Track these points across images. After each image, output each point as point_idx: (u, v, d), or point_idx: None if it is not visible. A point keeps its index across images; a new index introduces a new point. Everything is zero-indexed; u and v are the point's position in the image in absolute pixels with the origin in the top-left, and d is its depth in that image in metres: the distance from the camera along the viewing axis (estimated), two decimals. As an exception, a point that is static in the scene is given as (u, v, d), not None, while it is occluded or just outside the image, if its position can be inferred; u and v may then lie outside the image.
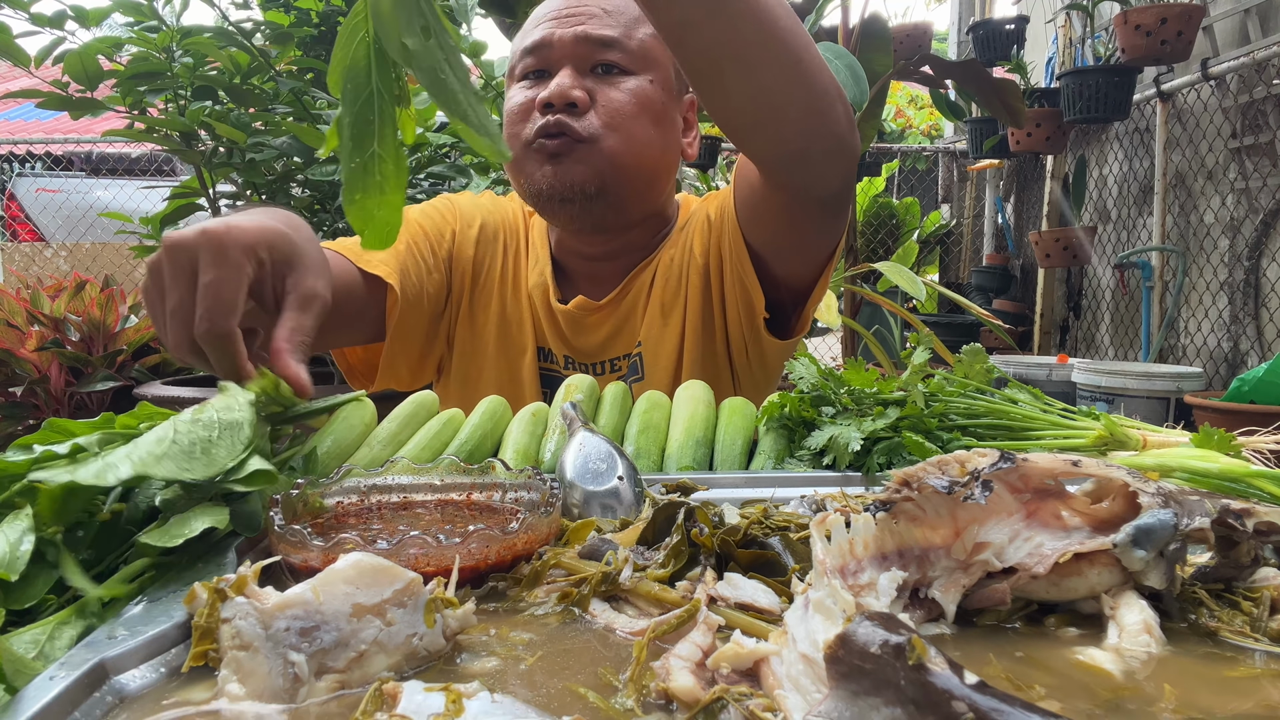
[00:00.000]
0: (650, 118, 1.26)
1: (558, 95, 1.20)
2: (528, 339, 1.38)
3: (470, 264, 1.40)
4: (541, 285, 1.38)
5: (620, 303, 1.36)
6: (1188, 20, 3.67)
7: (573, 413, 0.84)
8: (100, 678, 0.43)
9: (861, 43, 2.98)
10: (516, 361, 1.38)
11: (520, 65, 1.29)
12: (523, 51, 1.28)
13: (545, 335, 1.39)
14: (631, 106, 1.24)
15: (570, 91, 1.21)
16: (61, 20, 2.41)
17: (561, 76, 1.23)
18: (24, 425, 2.92)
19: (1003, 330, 2.82)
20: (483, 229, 1.42)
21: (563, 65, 1.24)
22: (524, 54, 1.28)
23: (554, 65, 1.25)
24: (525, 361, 1.38)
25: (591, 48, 1.24)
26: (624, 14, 1.28)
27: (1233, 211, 3.83)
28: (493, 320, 1.40)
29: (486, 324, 1.40)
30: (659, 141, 1.28)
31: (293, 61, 2.78)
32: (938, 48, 6.23)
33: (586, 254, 1.38)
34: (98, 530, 0.59)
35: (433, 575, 0.49)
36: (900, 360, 0.99)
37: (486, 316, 1.40)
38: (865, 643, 0.34)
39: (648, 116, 1.26)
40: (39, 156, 6.32)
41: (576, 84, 1.22)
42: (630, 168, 1.25)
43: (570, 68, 1.24)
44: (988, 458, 0.52)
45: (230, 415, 0.64)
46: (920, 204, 6.39)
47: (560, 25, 1.26)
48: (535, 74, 1.27)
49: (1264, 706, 0.42)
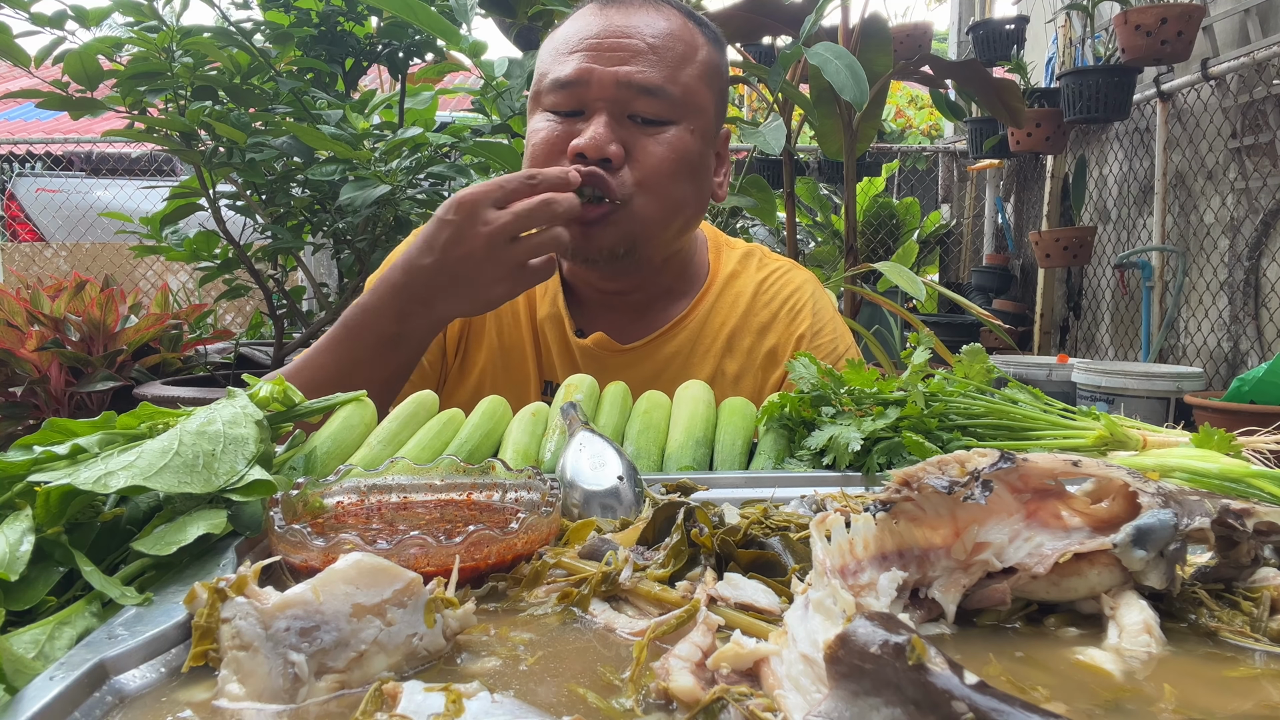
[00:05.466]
0: (686, 172, 1.19)
1: (592, 148, 1.11)
2: (530, 372, 1.31)
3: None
4: (555, 317, 1.31)
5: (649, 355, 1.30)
6: (1188, 20, 3.67)
7: (573, 412, 0.84)
8: (100, 678, 0.43)
9: (861, 43, 2.98)
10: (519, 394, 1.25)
11: (550, 96, 1.18)
12: (554, 83, 1.17)
13: (555, 369, 1.30)
14: (669, 164, 1.16)
15: (606, 147, 1.12)
16: (61, 20, 2.41)
17: (597, 125, 1.13)
18: (24, 425, 2.92)
19: (1003, 330, 2.81)
20: None
21: (599, 109, 1.14)
22: (556, 86, 1.17)
23: (588, 106, 1.15)
24: (529, 396, 1.29)
25: (632, 94, 1.14)
26: (670, 50, 1.18)
27: (1233, 211, 3.83)
28: (485, 353, 1.32)
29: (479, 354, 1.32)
30: (693, 196, 1.22)
31: (293, 61, 2.78)
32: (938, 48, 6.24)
33: (602, 287, 1.31)
34: (98, 531, 0.59)
35: (433, 575, 0.49)
36: (900, 360, 0.99)
37: (480, 347, 1.32)
38: (865, 643, 0.34)
39: (684, 172, 1.18)
40: (39, 156, 6.31)
41: (612, 136, 1.13)
42: (661, 226, 1.19)
43: (607, 114, 1.14)
44: (988, 458, 0.52)
45: (236, 430, 0.64)
46: (920, 204, 6.39)
47: (600, 60, 1.15)
48: (568, 112, 1.17)
49: (1264, 706, 0.42)
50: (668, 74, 1.16)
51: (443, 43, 2.74)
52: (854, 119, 2.96)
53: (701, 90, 1.20)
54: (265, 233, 2.84)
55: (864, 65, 2.28)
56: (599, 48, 1.15)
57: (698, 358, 1.31)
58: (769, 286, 1.35)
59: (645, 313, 1.32)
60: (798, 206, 4.18)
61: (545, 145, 1.17)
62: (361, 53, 2.86)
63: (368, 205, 2.39)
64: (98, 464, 0.58)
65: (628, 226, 1.15)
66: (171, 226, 3.05)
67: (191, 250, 3.05)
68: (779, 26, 3.00)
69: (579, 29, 1.19)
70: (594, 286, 1.31)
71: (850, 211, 3.22)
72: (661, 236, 1.21)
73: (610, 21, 1.17)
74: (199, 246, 3.05)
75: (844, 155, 3.05)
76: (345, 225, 2.70)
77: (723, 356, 1.31)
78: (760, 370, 1.31)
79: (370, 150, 2.52)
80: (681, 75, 1.18)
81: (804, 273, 1.41)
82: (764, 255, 1.41)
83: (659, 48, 1.17)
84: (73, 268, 4.97)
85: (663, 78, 1.16)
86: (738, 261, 1.38)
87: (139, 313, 3.27)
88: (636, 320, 1.32)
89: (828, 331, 1.33)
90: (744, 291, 1.34)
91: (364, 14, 2.79)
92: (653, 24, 1.18)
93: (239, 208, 2.88)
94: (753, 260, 1.39)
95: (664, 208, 1.17)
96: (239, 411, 0.67)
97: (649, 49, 1.16)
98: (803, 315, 1.33)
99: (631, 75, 1.14)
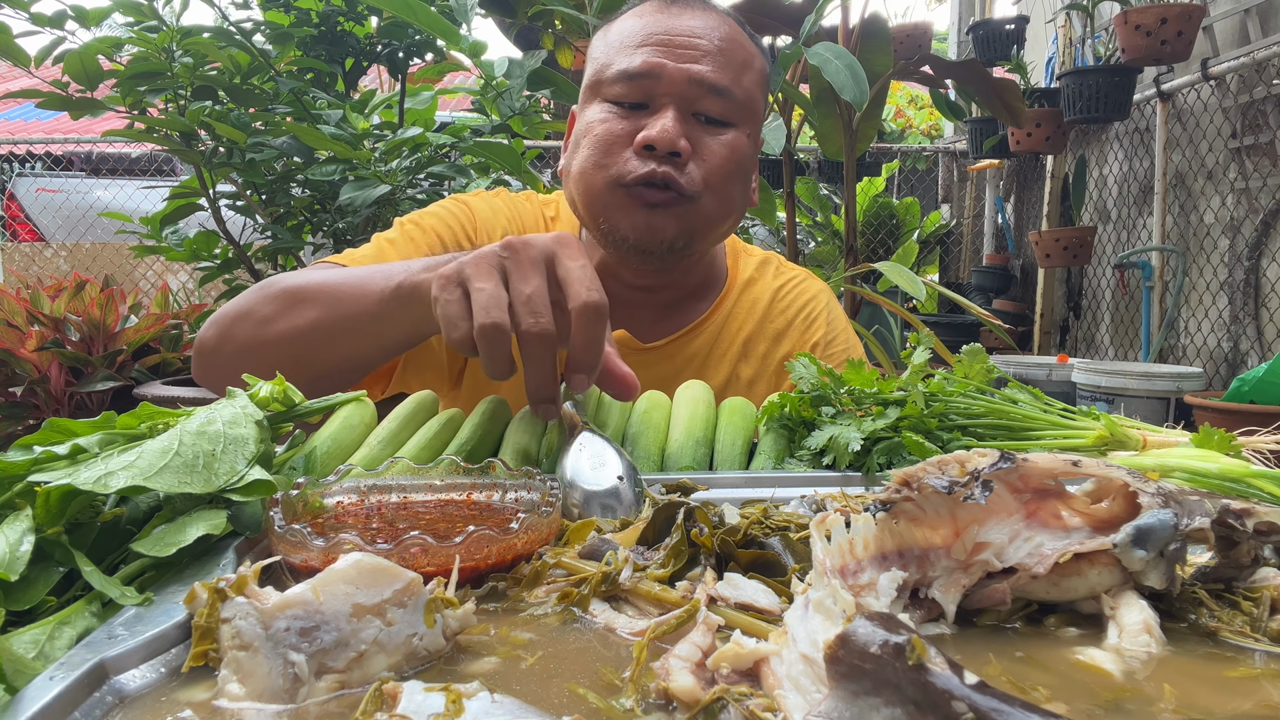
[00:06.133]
0: (740, 175, 1.21)
1: (664, 142, 1.12)
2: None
3: None
4: None
5: (670, 355, 1.31)
6: (1188, 20, 3.67)
7: (573, 412, 0.84)
8: (100, 678, 0.43)
9: (861, 43, 2.98)
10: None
11: (615, 87, 1.18)
12: (621, 74, 1.17)
13: None
14: (729, 165, 1.18)
15: (678, 141, 1.12)
16: (61, 20, 2.41)
17: (667, 120, 1.13)
18: (24, 425, 2.92)
19: (1003, 330, 2.82)
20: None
21: (667, 104, 1.15)
22: (623, 77, 1.17)
23: (656, 100, 1.16)
24: None
25: (701, 92, 1.16)
26: (735, 56, 1.20)
27: (1233, 211, 3.82)
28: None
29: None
30: (740, 199, 1.24)
31: (293, 61, 2.78)
32: (938, 48, 6.24)
33: (631, 283, 1.30)
34: (98, 531, 0.59)
35: (433, 575, 0.49)
36: (900, 360, 0.99)
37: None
38: (865, 643, 0.34)
39: (739, 174, 1.20)
40: (39, 156, 6.32)
41: (681, 131, 1.14)
42: (716, 225, 1.21)
43: (675, 109, 1.15)
44: (988, 458, 0.52)
45: (236, 430, 0.64)
46: (920, 204, 6.39)
47: (672, 56, 1.15)
48: (632, 104, 1.17)
49: (1264, 706, 0.42)
50: (733, 77, 1.18)
51: (443, 43, 2.74)
52: (854, 119, 2.96)
53: (758, 97, 1.23)
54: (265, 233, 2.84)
55: (864, 65, 2.28)
56: (670, 44, 1.16)
57: (714, 361, 1.32)
58: (785, 294, 1.38)
59: (667, 313, 1.33)
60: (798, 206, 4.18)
61: (608, 136, 1.16)
62: (361, 53, 2.86)
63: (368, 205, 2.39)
64: (98, 464, 0.58)
65: (689, 221, 1.17)
66: (171, 226, 3.05)
67: (191, 250, 3.05)
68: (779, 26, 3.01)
69: (645, 24, 1.19)
70: (623, 282, 1.30)
71: (850, 211, 3.22)
72: (714, 235, 1.23)
73: (678, 20, 1.19)
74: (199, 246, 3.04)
75: (844, 155, 3.05)
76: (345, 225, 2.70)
77: (738, 361, 1.33)
78: (774, 375, 1.33)
79: (370, 150, 2.52)
80: (744, 79, 1.20)
81: (819, 283, 1.43)
82: (780, 263, 1.43)
83: (726, 51, 1.18)
84: (73, 268, 4.98)
85: (729, 80, 1.17)
86: (755, 268, 1.40)
87: (139, 313, 3.27)
88: (658, 320, 1.32)
89: (840, 341, 1.36)
90: (761, 298, 1.36)
91: (364, 14, 2.79)
92: (717, 27, 1.20)
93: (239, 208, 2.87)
94: (770, 268, 1.41)
95: (721, 207, 1.19)
96: (239, 411, 0.67)
97: (718, 50, 1.18)
98: (817, 324, 1.35)
99: (704, 74, 1.15)
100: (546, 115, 3.02)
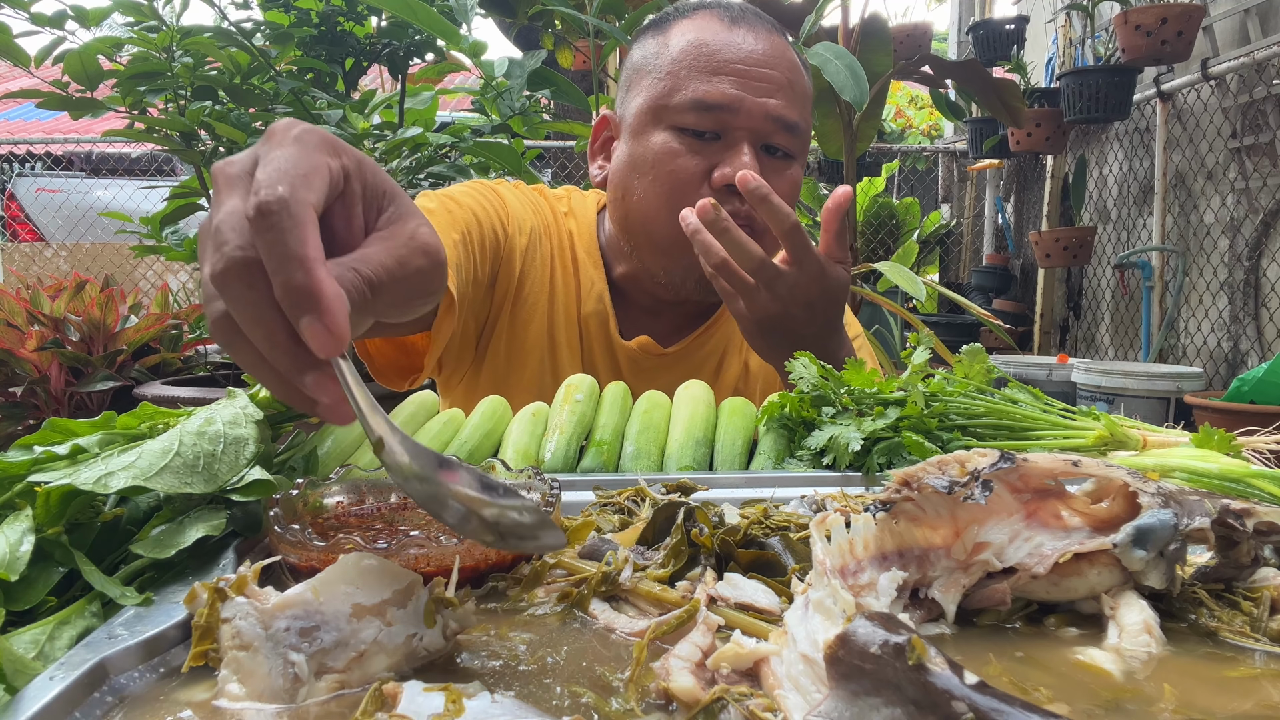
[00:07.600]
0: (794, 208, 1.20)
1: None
2: (578, 369, 1.28)
3: (516, 275, 1.27)
4: (600, 315, 1.29)
5: (688, 355, 1.31)
6: (1188, 20, 3.68)
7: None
8: (100, 678, 0.43)
9: (861, 43, 2.98)
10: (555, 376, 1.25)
11: (688, 115, 1.14)
12: (697, 104, 1.14)
13: (597, 367, 1.29)
14: (793, 201, 1.16)
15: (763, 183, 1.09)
16: (61, 20, 2.41)
17: (747, 157, 1.12)
18: (24, 425, 2.92)
19: (1003, 330, 2.82)
20: (531, 236, 1.29)
21: (742, 139, 1.13)
22: (699, 106, 1.14)
23: (730, 134, 1.14)
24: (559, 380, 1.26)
25: (775, 128, 1.15)
26: (799, 87, 1.18)
27: (1233, 211, 3.83)
28: (535, 341, 1.28)
29: (526, 342, 1.28)
30: None
31: (293, 61, 2.78)
32: (938, 48, 6.24)
33: (661, 296, 1.28)
34: (98, 531, 0.59)
35: (433, 575, 0.49)
36: (900, 360, 0.99)
37: (526, 335, 1.28)
38: (865, 643, 0.34)
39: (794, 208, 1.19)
40: (39, 156, 6.32)
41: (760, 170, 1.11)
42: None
43: (749, 144, 1.13)
44: (988, 458, 0.52)
45: (236, 430, 0.64)
46: (920, 204, 6.40)
47: (750, 89, 1.13)
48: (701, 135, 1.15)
49: (1264, 706, 0.42)
50: (800, 110, 1.18)
51: (443, 43, 2.74)
52: (854, 119, 2.96)
53: (810, 126, 1.22)
54: (265, 233, 2.83)
55: (864, 65, 2.28)
56: (747, 75, 1.14)
57: (730, 355, 1.34)
58: None
59: (688, 318, 1.33)
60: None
61: (682, 174, 1.15)
62: (361, 53, 2.86)
63: (368, 205, 2.38)
64: (98, 464, 0.58)
65: None
66: (171, 226, 3.05)
67: (191, 250, 3.05)
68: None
69: (714, 46, 1.16)
70: (650, 294, 1.29)
71: (850, 211, 3.22)
72: None
73: (747, 44, 1.16)
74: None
75: (844, 155, 3.05)
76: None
77: (749, 351, 1.34)
78: None
79: (370, 150, 2.52)
80: (806, 112, 1.20)
81: None
82: None
83: (794, 83, 1.18)
84: (73, 268, 4.98)
85: (798, 114, 1.17)
86: None
87: (139, 313, 3.27)
88: (678, 326, 1.33)
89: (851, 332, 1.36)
90: None
91: (364, 14, 2.78)
92: (783, 54, 1.19)
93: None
94: None
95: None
96: (239, 411, 0.67)
97: (788, 83, 1.17)
98: None
99: (781, 110, 1.15)
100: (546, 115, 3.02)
